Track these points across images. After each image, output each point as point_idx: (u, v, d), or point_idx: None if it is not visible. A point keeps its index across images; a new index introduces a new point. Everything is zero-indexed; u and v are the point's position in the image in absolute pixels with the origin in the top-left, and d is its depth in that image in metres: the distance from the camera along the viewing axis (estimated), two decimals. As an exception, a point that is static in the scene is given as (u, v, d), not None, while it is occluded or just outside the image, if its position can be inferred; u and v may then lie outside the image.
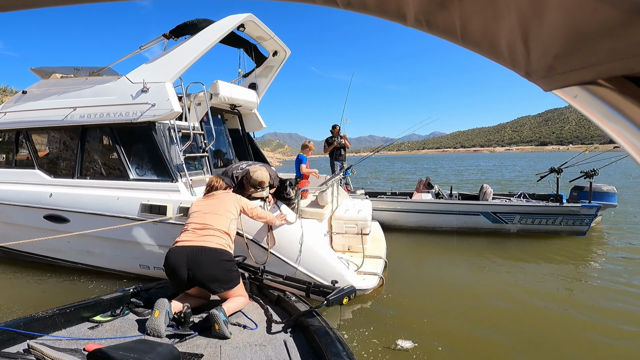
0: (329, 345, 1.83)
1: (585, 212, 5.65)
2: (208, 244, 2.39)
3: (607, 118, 0.41)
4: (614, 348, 2.64)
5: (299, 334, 2.14)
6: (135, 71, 3.95)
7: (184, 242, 2.42)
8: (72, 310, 2.28)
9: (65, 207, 3.82)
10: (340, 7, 0.48)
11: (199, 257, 2.32)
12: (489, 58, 0.48)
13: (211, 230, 2.48)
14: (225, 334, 2.10)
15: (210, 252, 2.35)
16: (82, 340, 2.07)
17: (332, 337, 1.92)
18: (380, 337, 2.74)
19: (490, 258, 4.81)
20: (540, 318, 3.09)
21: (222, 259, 2.37)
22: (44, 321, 2.13)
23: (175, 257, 2.35)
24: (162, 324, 2.12)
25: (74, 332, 2.18)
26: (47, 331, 2.12)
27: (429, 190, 6.94)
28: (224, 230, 2.52)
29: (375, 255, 3.98)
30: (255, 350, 1.98)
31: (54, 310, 2.22)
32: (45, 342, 1.94)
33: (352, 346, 2.63)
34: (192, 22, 3.86)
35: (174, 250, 2.41)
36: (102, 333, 2.17)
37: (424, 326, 2.92)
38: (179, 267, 2.31)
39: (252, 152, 6.26)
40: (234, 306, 2.35)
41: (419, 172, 24.02)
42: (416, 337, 2.71)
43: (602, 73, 0.38)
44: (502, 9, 0.39)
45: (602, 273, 4.21)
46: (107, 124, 3.93)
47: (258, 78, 5.76)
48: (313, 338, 1.96)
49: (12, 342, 1.96)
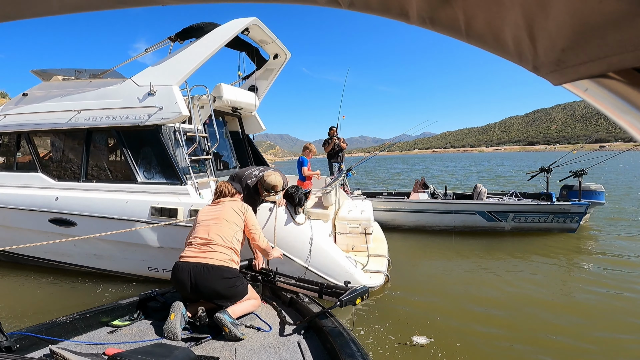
0: (344, 346, 1.83)
1: (575, 210, 5.89)
2: (211, 261, 2.36)
3: (620, 111, 0.40)
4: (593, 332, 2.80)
5: (313, 336, 2.15)
6: (141, 74, 3.97)
7: (187, 258, 2.41)
8: (91, 315, 2.31)
9: (72, 211, 3.83)
10: (343, 8, 0.48)
11: (202, 275, 2.32)
12: (495, 53, 0.47)
13: (214, 246, 2.43)
14: (237, 336, 2.13)
15: (213, 270, 2.33)
16: (102, 345, 2.09)
17: (346, 338, 1.92)
18: (396, 333, 2.82)
19: (488, 256, 4.98)
20: (538, 310, 3.25)
21: (226, 276, 2.35)
22: (64, 326, 2.16)
23: (180, 274, 2.36)
24: (178, 326, 2.16)
25: (94, 337, 2.20)
26: (68, 336, 2.15)
27: (424, 190, 7.11)
28: (228, 245, 2.47)
29: (378, 254, 4.09)
30: (270, 352, 2.00)
31: (74, 316, 2.25)
32: (67, 347, 1.96)
33: (368, 343, 2.71)
34: (198, 26, 3.90)
35: (178, 265, 2.40)
36: (121, 337, 2.20)
37: (436, 322, 3.01)
38: (184, 284, 2.34)
39: (252, 154, 6.32)
40: (241, 309, 2.37)
41: (412, 173, 24.30)
42: (430, 332, 2.79)
43: (613, 65, 0.37)
44: (506, 3, 0.38)
45: (593, 268, 4.42)
46: (113, 127, 3.94)
47: (258, 81, 5.83)
48: (327, 339, 1.97)
49: (34, 347, 1.99)
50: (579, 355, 2.62)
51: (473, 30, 0.44)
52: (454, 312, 3.22)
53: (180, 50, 3.93)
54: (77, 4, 0.59)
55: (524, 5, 0.37)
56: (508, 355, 2.60)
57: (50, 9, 0.59)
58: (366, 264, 3.71)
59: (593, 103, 0.43)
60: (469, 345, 2.67)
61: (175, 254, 3.69)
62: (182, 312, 2.25)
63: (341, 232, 4.20)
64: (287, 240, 3.29)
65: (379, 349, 2.62)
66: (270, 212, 3.38)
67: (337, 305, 2.19)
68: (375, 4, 0.46)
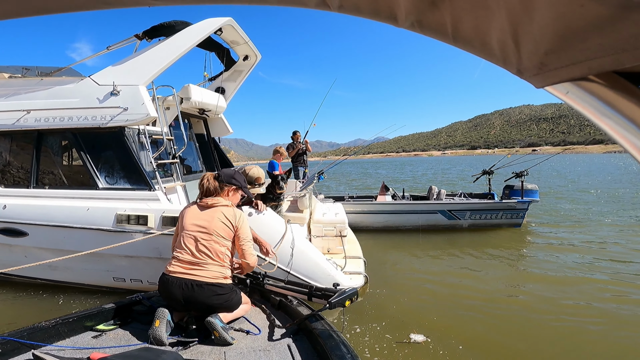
0: (334, 348, 1.83)
1: (520, 207, 6.62)
2: (202, 279, 2.22)
3: (599, 113, 0.41)
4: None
5: (303, 338, 2.15)
6: (101, 72, 3.68)
7: (177, 274, 2.24)
8: (75, 319, 2.20)
9: (22, 220, 3.42)
10: (332, 10, 0.49)
11: (193, 293, 2.19)
12: (481, 56, 0.48)
13: (204, 265, 2.26)
14: (227, 340, 2.07)
15: (206, 287, 2.21)
16: (87, 349, 2.01)
17: (336, 340, 1.92)
18: (392, 332, 2.88)
19: (452, 250, 5.40)
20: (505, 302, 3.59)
21: (218, 292, 2.23)
22: (47, 331, 2.06)
23: (171, 288, 2.21)
24: (163, 333, 2.07)
25: (78, 342, 2.12)
26: (51, 341, 2.05)
27: (385, 192, 7.47)
28: (219, 263, 2.30)
29: (354, 256, 4.19)
30: (260, 355, 1.99)
31: (57, 320, 2.15)
32: (50, 351, 1.90)
33: (364, 341, 2.75)
34: (169, 24, 3.72)
35: (166, 280, 2.25)
36: (106, 342, 2.12)
37: (429, 319, 3.12)
38: (174, 298, 2.22)
39: (218, 157, 6.13)
40: (233, 314, 2.30)
41: (366, 177, 25.07)
42: (425, 330, 2.89)
43: (593, 69, 0.38)
44: (492, 7, 0.39)
45: (540, 255, 5.08)
46: (68, 128, 3.60)
47: (226, 82, 5.68)
48: (317, 341, 1.97)
49: (16, 352, 1.89)
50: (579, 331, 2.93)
51: (460, 34, 0.45)
52: (444, 308, 3.37)
53: (148, 48, 3.71)
54: (59, 5, 0.57)
55: (510, 9, 0.38)
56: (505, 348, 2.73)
57: (30, 9, 0.56)
58: (344, 265, 3.78)
59: (574, 106, 0.43)
60: (465, 340, 2.78)
61: (144, 263, 3.49)
62: (167, 319, 2.14)
63: (316, 235, 4.24)
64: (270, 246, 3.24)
65: (376, 347, 2.66)
66: (250, 217, 3.32)
67: (326, 307, 2.19)
68: (365, 7, 0.47)
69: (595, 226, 6.78)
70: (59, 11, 0.57)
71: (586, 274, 4.23)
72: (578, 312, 3.29)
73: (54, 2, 0.56)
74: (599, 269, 4.40)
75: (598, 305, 3.39)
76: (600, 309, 3.33)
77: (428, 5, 0.43)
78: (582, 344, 2.77)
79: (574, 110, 0.44)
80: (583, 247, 5.36)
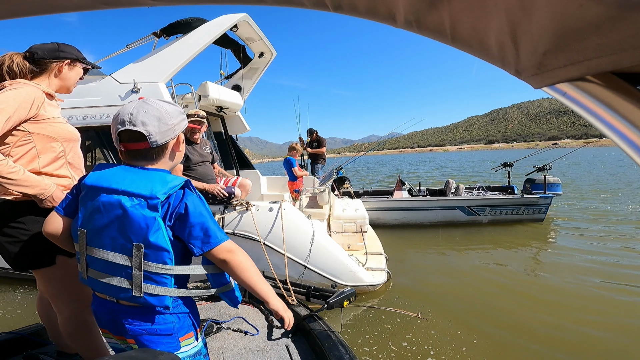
0: (332, 349, 1.83)
1: (542, 202, 6.42)
2: None
3: (597, 114, 0.41)
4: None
5: (301, 339, 2.14)
6: (122, 70, 3.74)
7: None
8: None
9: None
10: (330, 11, 0.48)
11: None
12: (479, 57, 0.48)
13: None
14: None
15: None
16: None
17: (334, 340, 1.91)
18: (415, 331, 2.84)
19: (474, 246, 5.27)
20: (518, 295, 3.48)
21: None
22: (44, 330, 2.04)
23: None
24: None
25: None
26: (49, 340, 2.03)
27: (401, 187, 7.35)
28: None
29: (375, 252, 4.13)
30: (258, 356, 1.98)
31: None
32: (47, 351, 1.88)
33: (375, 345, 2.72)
34: (186, 21, 3.74)
35: None
36: None
37: (460, 317, 3.07)
38: None
39: (236, 155, 6.16)
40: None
41: (381, 173, 24.83)
42: (453, 330, 2.85)
43: (591, 69, 0.38)
44: (490, 7, 0.39)
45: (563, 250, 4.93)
46: (92, 126, 3.68)
47: (242, 80, 5.69)
48: (315, 342, 1.96)
49: (8, 353, 1.90)
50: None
51: (458, 35, 0.45)
52: (474, 309, 3.24)
53: (166, 46, 3.75)
54: (60, 5, 0.56)
55: (508, 9, 0.38)
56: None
57: (32, 8, 0.56)
58: (365, 262, 3.73)
59: (572, 106, 0.43)
60: (492, 338, 2.74)
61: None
62: None
63: (336, 231, 4.20)
64: (289, 240, 3.24)
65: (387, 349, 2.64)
66: (277, 213, 3.30)
67: (324, 308, 2.19)
68: (363, 7, 0.46)
69: (624, 223, 6.48)
70: (59, 11, 0.57)
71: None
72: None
73: (54, 2, 0.56)
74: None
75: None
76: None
77: (426, 6, 0.42)
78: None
79: None
80: (611, 244, 5.11)
